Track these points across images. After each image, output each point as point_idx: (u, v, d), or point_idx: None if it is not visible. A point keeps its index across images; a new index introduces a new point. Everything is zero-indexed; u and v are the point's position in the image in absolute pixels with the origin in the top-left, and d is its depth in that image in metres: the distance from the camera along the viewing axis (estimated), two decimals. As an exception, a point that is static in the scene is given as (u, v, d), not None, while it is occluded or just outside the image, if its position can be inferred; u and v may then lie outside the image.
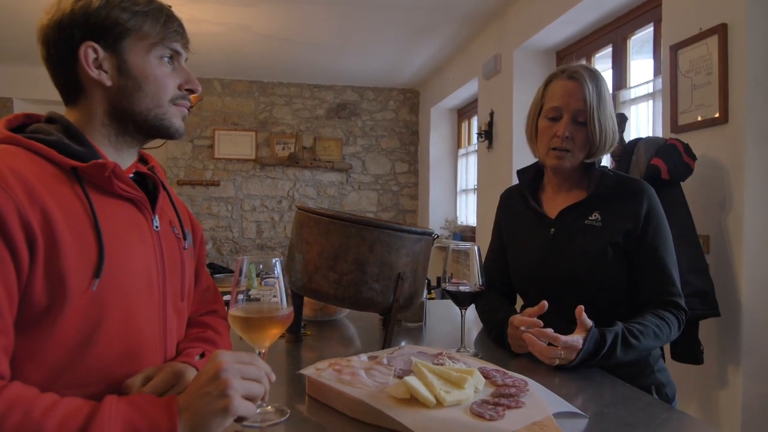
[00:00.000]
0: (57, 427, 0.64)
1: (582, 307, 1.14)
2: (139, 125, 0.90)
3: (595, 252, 1.30)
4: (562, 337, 1.11)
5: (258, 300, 0.87)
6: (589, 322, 1.14)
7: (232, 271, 4.89)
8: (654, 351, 1.32)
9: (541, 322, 1.18)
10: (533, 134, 1.39)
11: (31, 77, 4.84)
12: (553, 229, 1.36)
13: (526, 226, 1.44)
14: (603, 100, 1.30)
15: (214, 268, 5.14)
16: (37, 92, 4.85)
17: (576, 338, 1.12)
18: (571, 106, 1.30)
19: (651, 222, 1.29)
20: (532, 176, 1.47)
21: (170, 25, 0.89)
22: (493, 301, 1.44)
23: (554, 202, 1.41)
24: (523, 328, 1.19)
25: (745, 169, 1.71)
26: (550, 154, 1.34)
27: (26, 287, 0.73)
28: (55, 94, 0.91)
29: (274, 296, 0.86)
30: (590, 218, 1.33)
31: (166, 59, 0.90)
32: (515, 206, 1.49)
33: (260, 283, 0.93)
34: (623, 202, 1.32)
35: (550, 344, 1.13)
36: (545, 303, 1.20)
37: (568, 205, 1.36)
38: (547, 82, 1.37)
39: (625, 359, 1.17)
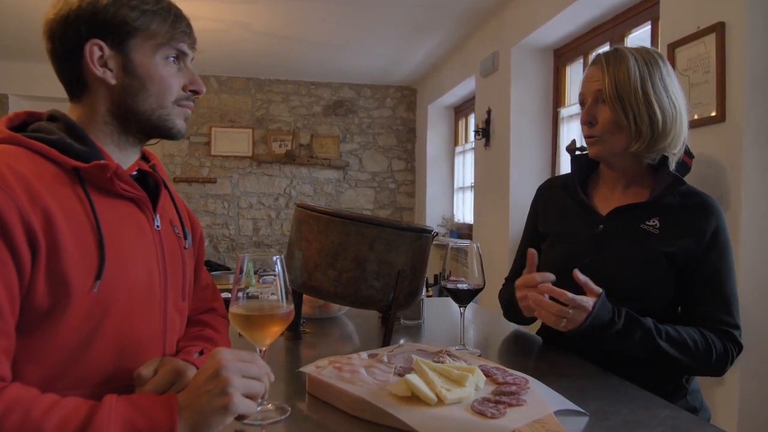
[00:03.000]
0: (57, 427, 0.63)
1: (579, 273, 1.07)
2: (142, 125, 0.89)
3: (643, 260, 1.18)
4: (571, 295, 1.04)
5: (256, 298, 0.86)
6: (598, 289, 1.08)
7: (228, 269, 4.88)
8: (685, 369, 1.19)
9: (551, 276, 1.10)
10: None
11: (27, 73, 4.82)
12: (601, 226, 1.24)
13: (568, 219, 1.31)
14: (630, 79, 1.16)
15: (211, 266, 5.13)
16: (33, 89, 4.83)
17: (586, 299, 1.06)
18: (590, 90, 1.23)
19: (716, 244, 1.17)
20: (586, 165, 1.34)
21: (178, 25, 0.88)
22: (511, 289, 1.33)
23: (608, 200, 1.29)
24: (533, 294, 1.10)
25: (743, 167, 1.72)
26: (587, 143, 1.25)
27: (28, 289, 0.72)
28: (51, 91, 0.91)
29: (272, 294, 0.85)
30: (647, 223, 1.20)
31: (171, 59, 0.89)
32: (557, 198, 1.37)
33: (258, 281, 0.93)
34: (689, 216, 1.19)
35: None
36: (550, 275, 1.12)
37: (624, 204, 1.24)
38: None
39: (640, 351, 1.10)
